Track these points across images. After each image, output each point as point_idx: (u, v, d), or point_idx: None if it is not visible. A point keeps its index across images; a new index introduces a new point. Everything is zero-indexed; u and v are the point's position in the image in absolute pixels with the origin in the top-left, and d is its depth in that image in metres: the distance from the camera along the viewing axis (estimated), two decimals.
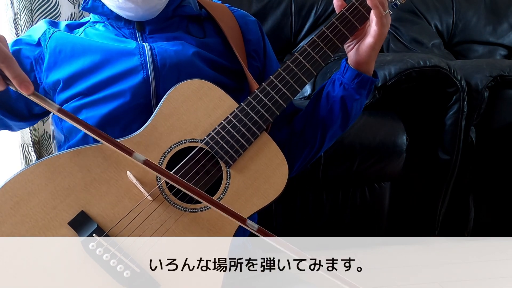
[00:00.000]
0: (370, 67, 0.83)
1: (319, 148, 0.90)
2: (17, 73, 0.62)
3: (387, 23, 0.78)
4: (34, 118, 0.90)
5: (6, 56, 0.61)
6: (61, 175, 0.66)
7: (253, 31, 0.94)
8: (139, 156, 0.64)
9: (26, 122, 0.89)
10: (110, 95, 0.79)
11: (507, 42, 2.12)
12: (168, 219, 0.68)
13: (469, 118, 1.49)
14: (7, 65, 0.61)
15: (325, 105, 0.87)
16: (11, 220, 0.63)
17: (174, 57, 0.81)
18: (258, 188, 0.72)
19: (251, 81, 0.85)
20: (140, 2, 0.80)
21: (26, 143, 1.49)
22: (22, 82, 0.62)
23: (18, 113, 0.86)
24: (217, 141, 0.73)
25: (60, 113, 0.65)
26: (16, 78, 0.62)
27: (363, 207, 1.52)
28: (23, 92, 0.62)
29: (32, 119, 0.89)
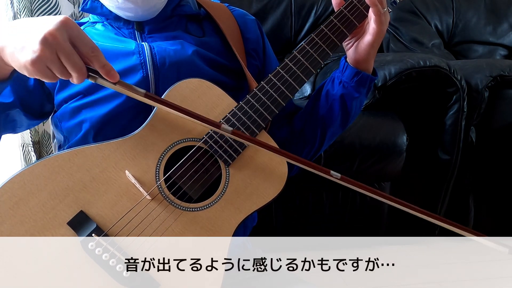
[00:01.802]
0: (370, 65, 0.83)
1: (319, 147, 0.90)
2: (104, 62, 0.60)
3: (386, 21, 0.78)
4: (43, 116, 0.89)
5: (94, 46, 0.60)
6: (60, 175, 0.66)
7: (252, 30, 0.94)
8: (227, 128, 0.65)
9: (37, 120, 0.88)
10: (110, 95, 0.79)
11: (507, 42, 2.12)
12: (167, 218, 0.68)
13: (469, 118, 1.49)
14: (96, 55, 0.60)
15: (324, 104, 0.87)
16: (10, 220, 0.62)
17: (173, 56, 0.81)
18: (257, 187, 0.72)
19: (250, 80, 0.85)
20: (140, 2, 0.80)
21: (26, 143, 1.49)
22: (109, 71, 0.60)
23: (33, 110, 0.85)
24: (215, 140, 0.73)
25: (146, 97, 0.63)
26: (104, 68, 0.60)
27: (363, 207, 1.52)
28: (111, 80, 0.61)
29: (41, 117, 0.89)
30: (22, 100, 0.82)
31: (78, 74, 0.59)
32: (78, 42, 0.59)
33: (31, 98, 0.83)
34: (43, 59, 0.57)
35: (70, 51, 0.58)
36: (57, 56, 0.57)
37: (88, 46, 0.59)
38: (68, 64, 0.58)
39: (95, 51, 0.59)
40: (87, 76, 0.60)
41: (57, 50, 0.57)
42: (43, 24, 0.57)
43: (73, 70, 0.58)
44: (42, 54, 0.56)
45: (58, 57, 0.57)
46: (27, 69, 0.59)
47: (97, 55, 0.60)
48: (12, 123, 0.84)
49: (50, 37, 0.56)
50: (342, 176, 0.67)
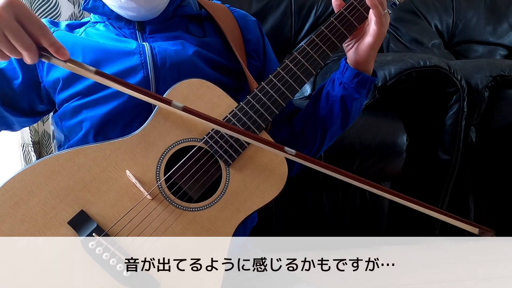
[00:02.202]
0: (370, 66, 0.83)
1: (319, 147, 0.91)
2: (53, 41, 0.61)
3: (386, 22, 0.78)
4: (35, 115, 0.89)
5: (42, 24, 0.60)
6: (61, 175, 0.66)
7: (253, 31, 0.94)
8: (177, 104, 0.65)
9: (28, 119, 0.89)
10: (110, 95, 0.79)
11: (507, 42, 2.12)
12: (167, 218, 0.68)
13: (469, 118, 1.49)
14: (44, 33, 0.60)
15: (324, 105, 0.87)
16: (11, 220, 0.63)
17: (174, 57, 0.81)
18: (258, 187, 0.73)
19: (251, 80, 0.85)
20: (143, 2, 0.80)
21: (26, 143, 1.49)
22: (58, 49, 0.61)
23: (20, 109, 0.85)
24: (216, 140, 0.73)
25: (97, 75, 0.63)
26: (53, 46, 0.61)
27: (363, 207, 1.52)
28: (61, 58, 0.61)
29: (33, 116, 0.89)
30: (4, 97, 0.82)
31: (28, 52, 0.60)
32: (25, 20, 0.59)
33: (17, 97, 0.84)
34: None
35: (16, 29, 0.58)
36: (4, 35, 0.58)
37: (36, 25, 0.60)
38: (15, 41, 0.59)
39: (43, 29, 0.60)
40: (38, 54, 0.61)
41: (2, 29, 0.58)
42: None
43: (21, 47, 0.59)
44: None
45: (5, 35, 0.58)
46: None
47: (45, 33, 0.60)
48: (2, 119, 0.85)
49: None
50: (296, 153, 0.67)
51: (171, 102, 0.65)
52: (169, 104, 0.65)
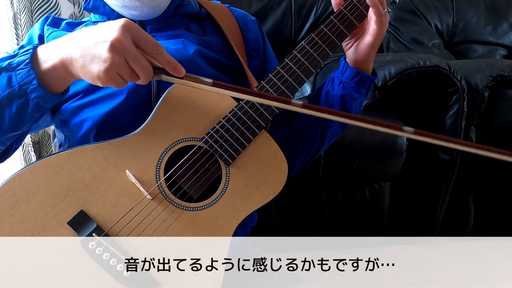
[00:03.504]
0: (369, 65, 0.83)
1: (319, 147, 0.90)
2: (169, 59, 0.60)
3: (386, 21, 0.78)
4: None
5: (157, 44, 0.60)
6: (60, 175, 0.66)
7: (253, 31, 0.94)
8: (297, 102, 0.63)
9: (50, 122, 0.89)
10: (110, 94, 0.79)
11: (507, 42, 2.12)
12: (167, 218, 0.68)
13: (469, 118, 1.49)
14: (161, 53, 0.60)
15: (324, 104, 0.87)
16: (11, 220, 0.62)
17: (175, 56, 0.80)
18: (258, 186, 0.72)
19: (251, 79, 0.85)
20: (146, 1, 0.80)
21: (26, 143, 1.49)
22: (175, 66, 0.61)
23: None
24: (216, 139, 0.73)
25: (214, 86, 0.62)
26: (169, 64, 0.60)
27: (363, 207, 1.52)
28: (177, 75, 0.61)
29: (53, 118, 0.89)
30: None
31: (146, 74, 0.60)
32: (141, 42, 0.59)
33: None
34: (114, 66, 0.58)
35: (137, 54, 0.58)
36: (126, 61, 0.58)
37: (152, 45, 0.60)
38: (136, 67, 0.59)
39: (159, 48, 0.60)
40: (153, 74, 0.61)
41: (125, 55, 0.58)
42: (106, 31, 0.58)
43: (141, 72, 0.59)
44: (113, 62, 0.57)
45: (127, 62, 0.58)
46: (100, 79, 0.59)
47: (161, 53, 0.60)
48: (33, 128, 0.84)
49: (117, 43, 0.57)
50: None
51: (291, 101, 0.62)
52: (289, 104, 0.63)
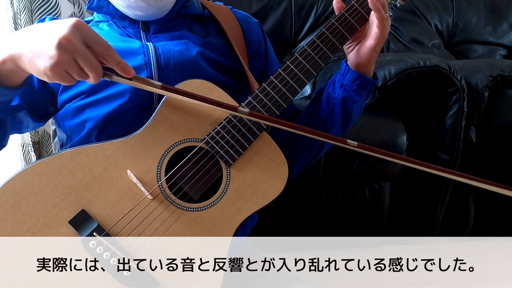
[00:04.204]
0: (370, 68, 0.84)
1: (319, 149, 0.91)
2: (119, 60, 0.61)
3: (388, 25, 0.78)
4: (46, 117, 0.89)
5: (107, 45, 0.61)
6: (62, 174, 0.66)
7: (255, 33, 0.94)
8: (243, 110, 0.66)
9: (41, 122, 0.89)
10: (113, 95, 0.79)
11: (507, 42, 2.12)
12: (168, 218, 0.68)
13: (469, 118, 1.49)
14: (110, 53, 0.61)
15: (325, 107, 0.87)
16: (12, 219, 0.63)
17: (177, 57, 0.81)
18: (258, 187, 0.73)
19: (252, 81, 0.86)
20: (152, 2, 0.80)
21: (26, 143, 1.49)
22: (124, 67, 0.62)
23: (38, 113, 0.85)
24: (217, 140, 0.73)
25: (163, 89, 0.64)
26: (119, 65, 0.61)
27: (363, 207, 1.52)
28: (127, 76, 0.62)
29: (45, 119, 0.89)
30: (29, 102, 0.82)
31: (95, 74, 0.60)
32: (91, 42, 0.60)
33: (37, 100, 0.83)
34: (61, 64, 0.58)
35: (86, 53, 0.59)
36: (74, 59, 0.58)
37: (102, 46, 0.60)
38: (85, 65, 0.59)
39: (109, 49, 0.61)
40: (103, 75, 0.61)
41: (73, 54, 0.58)
42: (56, 29, 0.58)
43: (90, 70, 0.60)
44: (59, 59, 0.58)
45: (75, 60, 0.59)
46: (47, 75, 0.60)
47: (111, 54, 0.61)
48: (19, 124, 0.85)
49: (65, 41, 0.57)
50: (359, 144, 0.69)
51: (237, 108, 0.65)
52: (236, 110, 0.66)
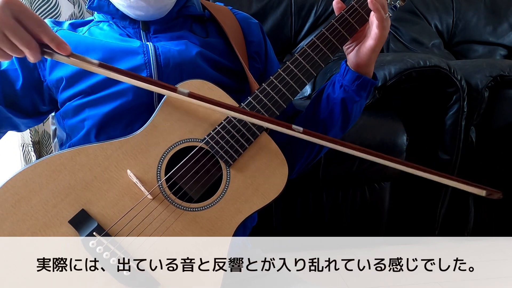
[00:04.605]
0: (370, 69, 0.84)
1: (319, 149, 0.91)
2: (53, 36, 0.61)
3: (388, 26, 0.78)
4: (39, 116, 0.89)
5: (40, 21, 0.60)
6: (62, 174, 0.66)
7: (255, 33, 0.94)
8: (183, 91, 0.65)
9: (32, 119, 0.89)
10: (113, 94, 0.79)
11: (507, 42, 2.12)
12: (168, 218, 0.68)
13: (469, 118, 1.49)
14: (43, 30, 0.60)
15: (325, 107, 0.87)
16: (12, 218, 0.63)
17: (177, 57, 0.81)
18: (258, 187, 0.73)
19: (252, 82, 0.86)
20: (152, 2, 0.80)
21: (26, 143, 1.49)
22: (59, 44, 0.61)
23: (24, 110, 0.85)
24: (217, 140, 0.73)
25: (101, 67, 0.64)
26: (53, 41, 0.61)
27: (363, 207, 1.52)
28: (62, 53, 0.62)
29: (37, 116, 0.89)
30: (6, 96, 0.82)
31: (29, 49, 0.60)
32: (22, 17, 0.59)
33: (20, 98, 0.84)
34: None
35: (15, 27, 0.59)
36: (4, 34, 0.58)
37: (35, 22, 0.60)
38: (15, 39, 0.59)
39: (42, 25, 0.60)
40: (40, 51, 0.61)
41: (2, 28, 0.58)
42: None
43: (22, 45, 0.59)
44: None
45: (5, 35, 0.58)
46: None
47: (44, 30, 0.60)
48: (7, 120, 0.85)
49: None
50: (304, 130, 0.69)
51: (177, 89, 0.64)
52: (175, 91, 0.64)
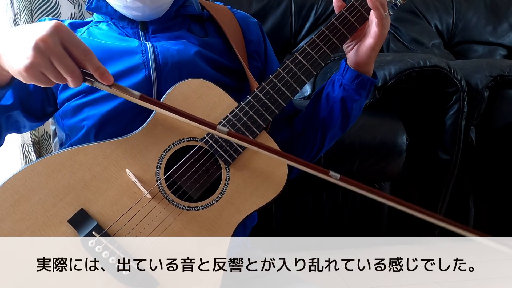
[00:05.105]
0: (370, 68, 0.83)
1: (319, 149, 0.91)
2: (98, 65, 0.61)
3: (387, 24, 0.78)
4: (45, 117, 0.89)
5: (87, 49, 0.60)
6: (61, 173, 0.66)
7: (254, 33, 0.94)
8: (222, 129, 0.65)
9: (38, 122, 0.89)
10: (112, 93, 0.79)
11: (507, 42, 2.12)
12: (167, 217, 0.68)
13: (469, 118, 1.49)
14: (89, 58, 0.60)
15: (325, 106, 0.87)
16: (11, 217, 0.63)
17: (176, 56, 0.81)
18: (257, 187, 0.73)
19: (252, 81, 0.86)
20: (148, 2, 0.80)
21: (26, 143, 1.49)
22: (103, 73, 0.61)
23: (34, 113, 0.85)
24: (216, 140, 0.73)
25: (141, 99, 0.64)
26: (97, 71, 0.61)
27: (363, 207, 1.52)
28: (105, 83, 0.61)
29: (44, 119, 0.89)
30: (23, 101, 0.82)
31: (72, 78, 0.60)
32: (70, 45, 0.59)
33: (32, 100, 0.84)
34: (36, 65, 0.58)
35: (62, 55, 0.58)
36: (50, 61, 0.58)
37: (81, 49, 0.60)
38: (61, 68, 0.59)
39: (88, 54, 0.60)
40: (83, 79, 0.61)
41: (49, 55, 0.58)
42: (35, 30, 0.58)
43: (66, 73, 0.59)
44: (34, 61, 0.58)
45: (51, 62, 0.58)
46: (22, 76, 0.60)
47: (90, 58, 0.60)
48: (15, 124, 0.85)
49: (42, 43, 0.57)
50: (341, 177, 0.66)
51: (216, 127, 0.64)
52: (214, 129, 0.64)
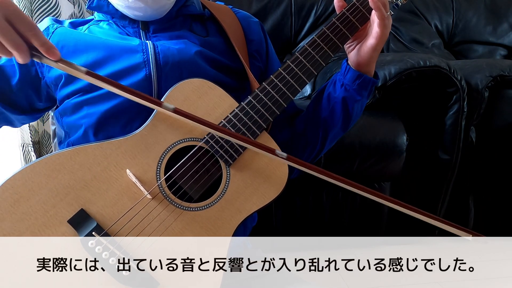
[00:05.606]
0: (371, 68, 0.83)
1: (320, 149, 0.90)
2: (44, 41, 0.61)
3: (389, 24, 0.78)
4: (35, 113, 0.89)
5: (32, 24, 0.60)
6: (61, 173, 0.66)
7: (256, 32, 0.94)
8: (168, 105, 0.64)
9: (27, 116, 0.89)
10: (112, 92, 0.78)
11: (507, 42, 2.12)
12: (167, 217, 0.68)
13: (469, 118, 1.49)
14: (35, 33, 0.60)
15: (326, 106, 0.87)
16: (11, 218, 0.63)
17: (176, 56, 0.81)
18: (258, 187, 0.72)
19: (253, 81, 0.85)
20: (150, 2, 0.80)
21: (26, 143, 1.49)
22: (49, 48, 0.61)
23: (18, 107, 0.85)
24: (217, 140, 0.73)
25: (88, 75, 0.63)
26: (43, 46, 0.61)
27: (363, 207, 1.52)
28: (51, 58, 0.61)
29: (33, 113, 0.89)
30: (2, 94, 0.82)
31: (19, 52, 0.60)
32: (14, 20, 0.59)
33: (14, 94, 0.84)
34: None
35: (5, 29, 0.58)
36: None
37: (26, 24, 0.60)
38: (5, 41, 0.59)
39: (34, 29, 0.60)
40: (29, 54, 0.61)
41: None
42: None
43: (11, 47, 0.59)
44: None
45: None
46: None
47: (35, 33, 0.60)
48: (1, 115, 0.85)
49: None
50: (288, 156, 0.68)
51: (162, 104, 0.64)
52: (160, 106, 0.64)
